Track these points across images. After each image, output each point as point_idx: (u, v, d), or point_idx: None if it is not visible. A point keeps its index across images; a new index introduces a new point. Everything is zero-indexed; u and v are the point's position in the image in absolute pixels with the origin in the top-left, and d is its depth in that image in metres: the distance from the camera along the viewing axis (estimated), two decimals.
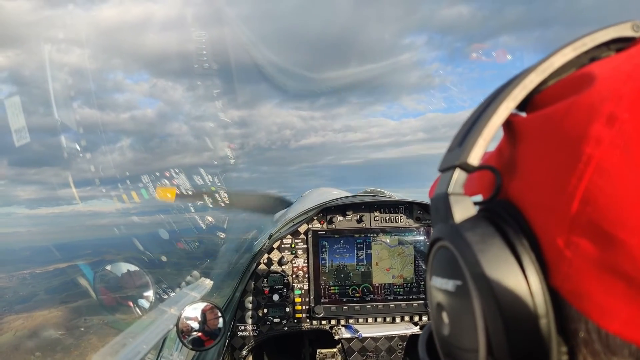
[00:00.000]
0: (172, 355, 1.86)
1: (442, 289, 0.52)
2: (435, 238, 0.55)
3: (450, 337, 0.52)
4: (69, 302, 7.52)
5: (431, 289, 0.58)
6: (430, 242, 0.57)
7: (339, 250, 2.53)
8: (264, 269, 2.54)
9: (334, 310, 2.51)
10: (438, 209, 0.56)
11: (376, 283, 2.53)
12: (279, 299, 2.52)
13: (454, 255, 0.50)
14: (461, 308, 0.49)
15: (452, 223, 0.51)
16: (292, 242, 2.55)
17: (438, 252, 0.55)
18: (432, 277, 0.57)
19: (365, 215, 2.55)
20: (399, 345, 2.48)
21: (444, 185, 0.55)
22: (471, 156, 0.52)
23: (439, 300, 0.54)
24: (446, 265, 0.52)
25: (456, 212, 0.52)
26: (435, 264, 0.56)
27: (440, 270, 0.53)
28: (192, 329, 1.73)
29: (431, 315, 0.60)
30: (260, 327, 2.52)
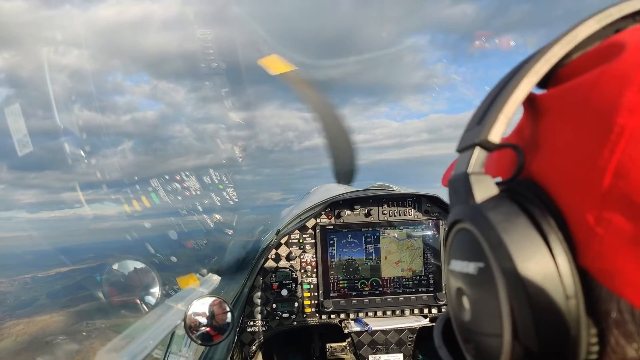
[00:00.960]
0: (181, 351, 1.83)
1: (463, 273, 0.51)
2: (454, 220, 0.54)
3: (471, 323, 0.51)
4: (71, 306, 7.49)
5: (450, 274, 0.56)
6: (449, 225, 0.55)
7: (347, 245, 2.51)
8: (272, 265, 2.52)
9: (343, 304, 2.49)
10: (457, 190, 0.54)
11: (385, 276, 2.51)
12: (287, 294, 2.50)
13: (475, 237, 0.48)
14: (483, 291, 0.47)
15: (473, 203, 0.50)
16: (300, 237, 2.53)
17: (458, 235, 0.53)
18: (451, 261, 0.55)
19: (373, 209, 2.53)
20: (408, 338, 2.46)
21: (463, 165, 0.53)
22: (492, 133, 0.50)
23: (458, 285, 0.53)
24: (467, 248, 0.50)
25: (477, 192, 0.50)
26: (454, 247, 0.54)
27: (461, 253, 0.52)
28: (200, 324, 1.70)
29: (449, 301, 0.58)
30: (269, 322, 2.50)
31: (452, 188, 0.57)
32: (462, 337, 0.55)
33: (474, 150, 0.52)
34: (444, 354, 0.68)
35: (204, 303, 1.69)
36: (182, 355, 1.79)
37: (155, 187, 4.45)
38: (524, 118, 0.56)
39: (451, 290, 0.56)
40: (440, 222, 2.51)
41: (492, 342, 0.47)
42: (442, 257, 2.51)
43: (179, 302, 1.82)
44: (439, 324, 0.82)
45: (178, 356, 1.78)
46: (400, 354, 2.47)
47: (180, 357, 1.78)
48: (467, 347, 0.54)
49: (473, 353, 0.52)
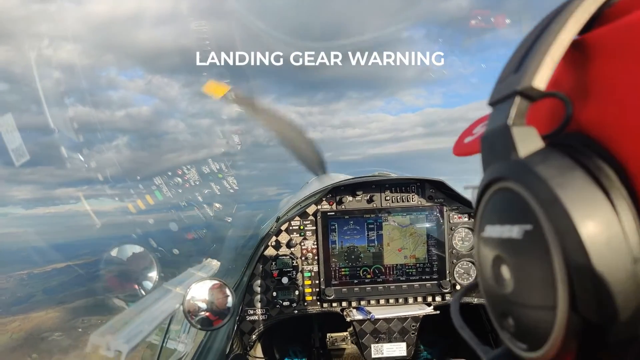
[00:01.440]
0: (180, 337, 1.77)
1: (503, 239, 0.45)
2: (491, 180, 0.48)
3: (513, 295, 0.45)
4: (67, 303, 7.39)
5: (483, 243, 0.50)
6: (483, 187, 0.49)
7: (349, 231, 2.46)
8: (272, 252, 2.46)
9: (345, 292, 2.44)
10: (493, 146, 0.49)
11: (388, 264, 2.46)
12: (288, 281, 2.45)
13: (519, 196, 0.42)
14: (531, 257, 0.42)
15: (517, 158, 0.44)
16: (301, 224, 2.48)
17: (495, 196, 0.48)
18: (485, 228, 0.49)
19: (376, 195, 2.47)
20: (412, 327, 2.41)
21: (501, 117, 0.47)
22: (536, 79, 0.45)
23: (496, 254, 0.47)
24: (509, 209, 0.45)
25: (521, 146, 0.45)
26: (490, 211, 0.49)
27: (500, 217, 0.46)
28: (200, 308, 1.65)
29: (481, 273, 0.52)
30: (269, 310, 2.45)
31: (487, 144, 0.51)
32: (497, 312, 0.50)
33: (514, 99, 0.46)
34: (468, 334, 0.63)
35: (204, 286, 1.63)
36: (181, 341, 1.74)
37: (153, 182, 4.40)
38: (561, 67, 0.50)
39: (485, 261, 0.50)
40: (444, 208, 2.46)
41: (540, 316, 0.42)
42: (446, 244, 2.46)
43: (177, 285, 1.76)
44: (456, 304, 0.76)
45: (177, 342, 1.72)
46: (403, 342, 2.42)
47: (179, 343, 1.73)
48: (503, 323, 0.49)
49: (512, 330, 0.47)
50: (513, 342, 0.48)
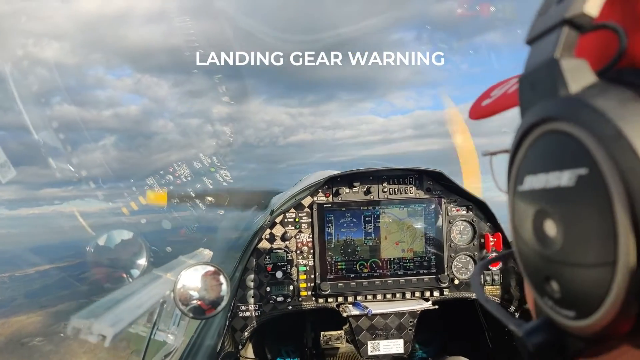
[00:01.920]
0: (169, 329, 1.68)
1: (549, 189, 0.39)
2: (534, 122, 0.42)
3: (561, 253, 0.39)
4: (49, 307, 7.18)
5: (522, 198, 0.44)
6: (521, 134, 0.44)
7: (346, 224, 2.40)
8: (266, 245, 2.38)
9: (341, 286, 2.37)
10: (536, 85, 0.43)
11: (385, 257, 2.39)
12: (282, 276, 2.36)
13: (571, 136, 0.37)
14: (585, 206, 0.36)
15: (567, 94, 0.39)
16: (296, 216, 2.40)
17: (539, 141, 0.42)
18: (524, 180, 0.43)
19: (373, 186, 2.41)
20: (409, 323, 2.35)
21: (546, 50, 0.42)
22: (588, 4, 0.39)
23: (539, 207, 0.41)
24: (557, 154, 0.39)
25: (571, 80, 0.39)
26: (532, 158, 0.43)
27: (545, 164, 0.40)
28: (192, 297, 1.56)
29: (518, 235, 0.46)
30: (262, 306, 2.36)
31: (527, 84, 0.45)
32: (538, 277, 0.44)
33: (562, 29, 0.40)
34: (495, 307, 0.56)
35: (196, 272, 1.54)
36: (170, 333, 1.64)
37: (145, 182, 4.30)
38: None
39: (523, 220, 0.45)
40: (443, 201, 2.41)
41: (595, 275, 0.36)
42: (444, 237, 2.40)
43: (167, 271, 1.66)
44: (477, 277, 0.70)
45: (166, 333, 1.63)
46: (400, 339, 2.35)
47: (169, 335, 1.63)
48: (545, 289, 0.43)
49: (557, 296, 0.41)
50: (556, 311, 0.42)
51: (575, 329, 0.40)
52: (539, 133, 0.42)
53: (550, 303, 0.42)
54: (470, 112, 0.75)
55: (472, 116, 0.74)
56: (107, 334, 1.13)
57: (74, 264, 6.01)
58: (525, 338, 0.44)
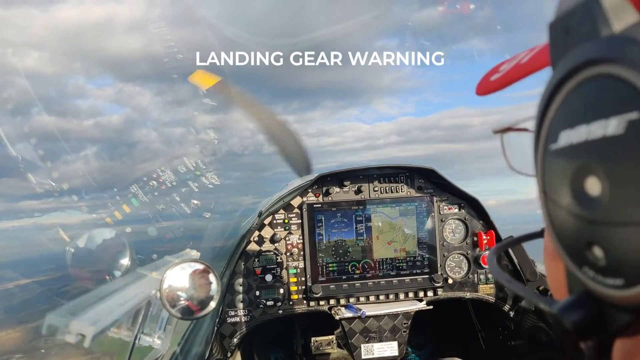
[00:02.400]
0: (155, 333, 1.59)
1: (592, 140, 0.35)
2: (572, 68, 0.37)
3: (607, 213, 0.35)
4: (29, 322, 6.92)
5: (556, 157, 0.40)
6: (556, 83, 0.39)
7: (337, 224, 2.34)
8: (255, 248, 2.31)
9: (333, 289, 2.30)
10: (573, 27, 0.39)
11: (377, 258, 2.34)
12: (272, 279, 2.29)
13: (617, 80, 0.33)
14: (637, 155, 0.32)
15: (613, 33, 0.35)
16: (285, 217, 2.34)
17: (577, 91, 0.37)
18: (559, 137, 0.39)
19: (364, 185, 2.37)
20: (403, 324, 2.29)
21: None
22: None
23: (580, 164, 0.37)
24: (602, 100, 0.35)
25: (614, 18, 0.35)
26: (569, 111, 0.38)
27: (586, 114, 0.36)
28: (179, 297, 1.48)
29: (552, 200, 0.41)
30: (252, 311, 2.28)
31: (560, 30, 0.41)
32: (578, 245, 0.39)
33: None
34: (518, 286, 0.52)
35: (184, 270, 1.46)
36: (157, 337, 1.56)
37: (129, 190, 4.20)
38: None
39: (557, 182, 0.40)
40: (435, 199, 2.37)
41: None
42: (437, 236, 2.36)
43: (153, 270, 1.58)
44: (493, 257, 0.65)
45: (152, 338, 1.54)
46: (394, 341, 2.29)
47: (155, 339, 1.55)
48: (586, 258, 0.38)
49: (601, 264, 0.36)
50: (599, 281, 0.37)
51: (623, 299, 0.35)
52: (578, 80, 0.37)
53: (592, 273, 0.38)
54: (477, 88, 0.71)
55: (480, 92, 0.70)
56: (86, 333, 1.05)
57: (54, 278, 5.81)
58: (562, 315, 0.39)
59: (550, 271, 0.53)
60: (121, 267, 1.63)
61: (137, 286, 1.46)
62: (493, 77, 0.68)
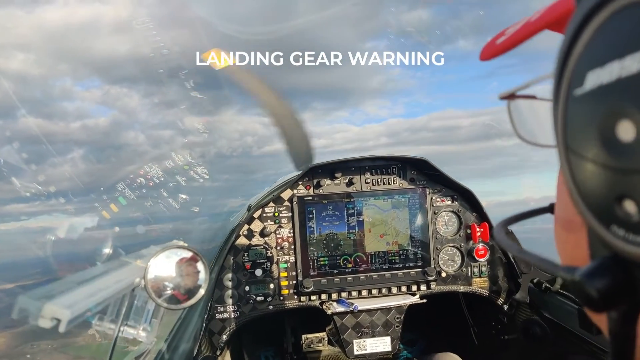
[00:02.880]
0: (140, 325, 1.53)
1: (625, 78, 0.31)
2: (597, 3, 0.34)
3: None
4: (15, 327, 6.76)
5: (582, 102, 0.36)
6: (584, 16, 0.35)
7: (328, 217, 2.30)
8: (244, 242, 2.26)
9: (325, 283, 2.26)
10: None
11: (369, 251, 2.30)
12: (262, 274, 2.24)
13: None
14: None
15: None
16: (275, 211, 2.29)
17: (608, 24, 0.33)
18: (585, 78, 0.35)
19: (356, 177, 2.33)
20: (396, 319, 2.25)
21: None
22: None
23: (611, 107, 0.33)
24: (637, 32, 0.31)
25: None
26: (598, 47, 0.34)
27: (619, 48, 0.32)
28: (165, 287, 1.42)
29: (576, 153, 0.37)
30: (241, 307, 2.22)
31: None
32: (606, 200, 0.35)
33: None
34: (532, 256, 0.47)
35: (170, 258, 1.41)
36: (142, 330, 1.49)
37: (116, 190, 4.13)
38: None
39: (582, 132, 0.36)
40: (427, 191, 2.34)
41: None
42: (430, 228, 2.33)
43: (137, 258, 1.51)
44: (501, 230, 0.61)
45: (136, 330, 1.48)
46: (387, 337, 2.25)
47: (140, 332, 1.48)
48: (617, 213, 0.34)
49: (634, 219, 0.32)
50: (630, 240, 0.33)
51: None
52: (608, 13, 0.33)
53: (622, 232, 0.33)
54: (482, 53, 0.67)
55: (485, 56, 0.66)
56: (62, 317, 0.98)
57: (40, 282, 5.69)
58: (586, 282, 0.35)
59: (565, 245, 0.48)
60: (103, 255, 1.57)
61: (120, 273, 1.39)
62: (499, 40, 0.64)
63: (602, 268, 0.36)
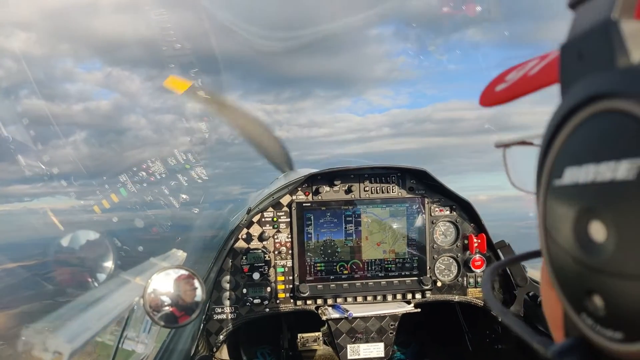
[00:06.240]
0: (139, 337, 1.57)
1: (599, 183, 0.32)
2: (583, 99, 0.34)
3: (611, 263, 0.32)
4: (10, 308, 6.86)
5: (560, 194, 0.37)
6: (565, 113, 0.36)
7: (326, 224, 2.32)
8: (243, 245, 2.28)
9: (321, 288, 2.29)
10: (587, 52, 0.36)
11: (366, 259, 2.33)
12: (259, 277, 2.27)
13: (633, 119, 0.30)
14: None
15: (631, 64, 0.31)
16: (274, 216, 2.31)
17: (587, 124, 0.34)
18: (564, 173, 0.36)
19: (355, 185, 2.34)
20: (390, 326, 2.28)
21: (598, 12, 0.34)
22: None
23: (585, 205, 0.34)
24: (613, 139, 0.32)
25: (634, 47, 0.32)
26: (576, 146, 0.35)
27: (595, 152, 0.33)
28: (163, 303, 1.45)
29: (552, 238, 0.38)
30: (238, 309, 2.26)
31: (572, 54, 0.37)
32: (578, 290, 0.36)
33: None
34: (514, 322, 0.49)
35: (168, 276, 1.43)
36: (140, 342, 1.53)
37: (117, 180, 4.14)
38: None
39: (559, 221, 0.37)
40: (426, 200, 2.35)
41: None
42: (427, 238, 2.35)
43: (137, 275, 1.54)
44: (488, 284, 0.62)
45: (135, 342, 1.52)
46: (381, 343, 2.29)
47: (138, 344, 1.52)
48: (585, 304, 0.35)
49: (601, 313, 0.34)
50: (597, 331, 0.35)
51: (622, 354, 0.33)
52: (589, 113, 0.34)
53: (590, 321, 0.35)
54: (481, 99, 0.68)
55: (484, 103, 0.67)
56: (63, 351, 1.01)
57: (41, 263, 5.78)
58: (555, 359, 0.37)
59: (548, 300, 0.50)
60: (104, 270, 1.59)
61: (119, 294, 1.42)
62: (498, 87, 0.65)
63: (572, 349, 0.38)
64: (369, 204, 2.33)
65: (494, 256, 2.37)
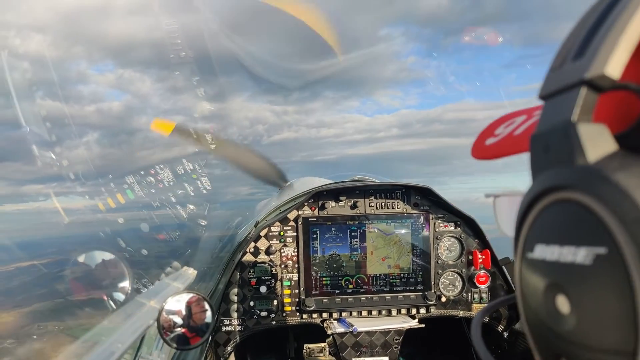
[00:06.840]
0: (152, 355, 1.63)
1: (563, 263, 0.36)
2: (547, 188, 0.38)
3: (574, 334, 0.36)
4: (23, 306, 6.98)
5: (531, 265, 0.41)
6: (533, 197, 0.40)
7: (332, 239, 2.36)
8: (251, 259, 2.33)
9: (326, 302, 2.33)
10: (550, 148, 0.39)
11: (371, 273, 2.36)
12: (266, 290, 2.32)
13: (590, 211, 0.33)
14: (603, 288, 0.33)
15: (586, 163, 0.35)
16: (281, 230, 2.36)
17: (552, 209, 0.38)
18: (535, 247, 0.40)
19: (360, 200, 2.37)
20: (394, 340, 2.32)
21: (561, 111, 0.38)
22: (610, 65, 0.35)
23: (552, 280, 0.38)
24: (573, 227, 0.35)
25: (590, 147, 0.35)
26: (544, 226, 0.39)
27: (559, 236, 0.37)
28: (175, 324, 1.50)
29: (526, 301, 0.43)
30: (246, 321, 2.32)
31: (540, 145, 0.41)
32: (546, 352, 0.40)
33: (580, 90, 0.37)
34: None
35: (180, 300, 1.49)
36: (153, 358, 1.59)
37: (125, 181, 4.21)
38: None
39: (532, 288, 0.41)
40: (430, 216, 2.38)
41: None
42: (431, 253, 2.38)
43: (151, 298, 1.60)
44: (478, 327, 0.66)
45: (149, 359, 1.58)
46: (385, 357, 2.33)
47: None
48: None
49: None
50: None
51: None
52: (552, 200, 0.38)
53: None
54: (472, 150, 0.72)
55: (475, 155, 0.71)
56: None
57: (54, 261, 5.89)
58: None
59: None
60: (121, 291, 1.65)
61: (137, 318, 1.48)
62: (488, 140, 0.69)
63: None
64: (374, 219, 2.36)
65: (498, 272, 2.39)
